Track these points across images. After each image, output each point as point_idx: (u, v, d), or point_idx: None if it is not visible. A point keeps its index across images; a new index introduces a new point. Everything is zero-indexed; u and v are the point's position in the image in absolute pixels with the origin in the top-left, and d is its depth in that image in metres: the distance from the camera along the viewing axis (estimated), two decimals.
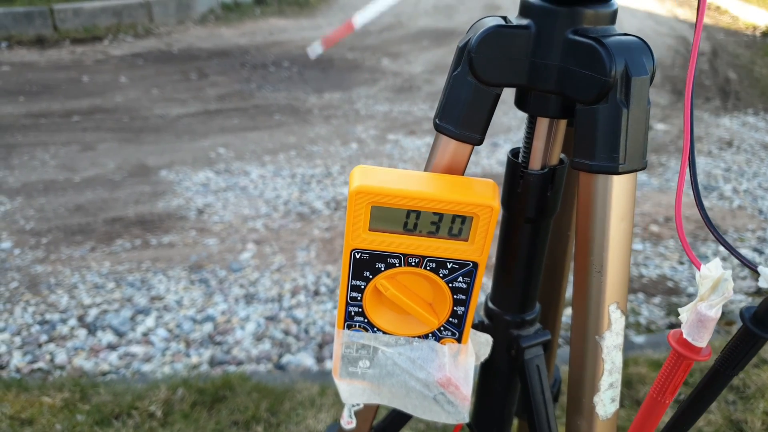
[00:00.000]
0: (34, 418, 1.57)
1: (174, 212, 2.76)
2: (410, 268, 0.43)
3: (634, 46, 0.41)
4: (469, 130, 0.45)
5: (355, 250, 0.43)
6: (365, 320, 0.46)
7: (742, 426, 1.62)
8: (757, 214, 2.98)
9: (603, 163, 0.41)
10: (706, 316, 0.32)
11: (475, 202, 0.41)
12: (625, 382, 1.76)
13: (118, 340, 2.01)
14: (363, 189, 0.40)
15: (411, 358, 0.46)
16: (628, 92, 0.40)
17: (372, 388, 0.48)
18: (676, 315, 2.21)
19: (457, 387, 0.46)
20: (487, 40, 0.42)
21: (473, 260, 0.43)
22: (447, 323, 0.46)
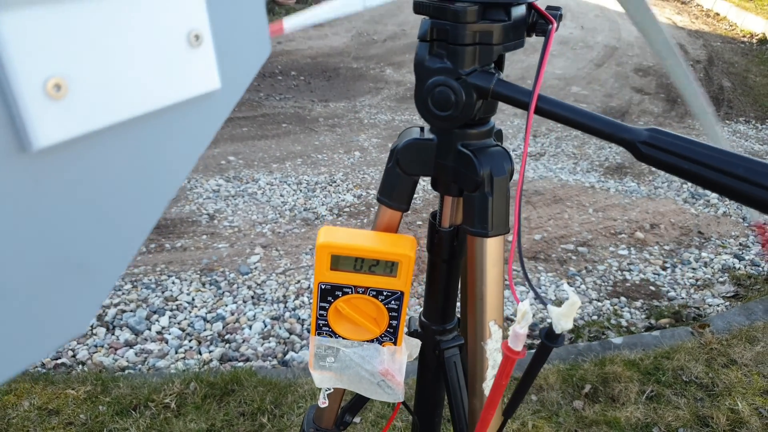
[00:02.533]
0: (60, 408, 1.74)
1: (186, 218, 2.92)
2: (359, 295, 0.63)
3: (498, 155, 0.60)
4: (398, 202, 0.65)
5: (321, 283, 0.63)
6: (330, 329, 0.64)
7: (708, 422, 1.77)
8: (741, 221, 3.12)
9: (478, 230, 0.60)
10: (519, 333, 0.49)
11: (399, 252, 0.60)
12: (602, 380, 1.91)
13: (134, 338, 2.17)
14: (324, 245, 0.60)
15: (361, 356, 0.64)
16: (492, 187, 0.58)
17: (336, 376, 0.67)
18: (656, 318, 2.36)
19: (393, 376, 0.64)
20: (407, 148, 0.62)
21: (400, 290, 0.63)
22: (386, 332, 0.64)
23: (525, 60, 5.49)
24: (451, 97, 0.55)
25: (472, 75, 0.55)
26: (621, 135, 0.49)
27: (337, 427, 0.84)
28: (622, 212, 3.13)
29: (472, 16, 0.53)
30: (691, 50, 6.10)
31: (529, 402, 1.83)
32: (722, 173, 0.44)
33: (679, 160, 0.46)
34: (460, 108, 0.56)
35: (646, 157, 0.48)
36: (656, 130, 0.48)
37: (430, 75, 0.56)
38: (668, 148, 0.47)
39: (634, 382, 1.89)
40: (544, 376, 1.91)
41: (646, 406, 1.82)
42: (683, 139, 0.47)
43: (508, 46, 0.57)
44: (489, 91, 0.55)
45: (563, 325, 0.48)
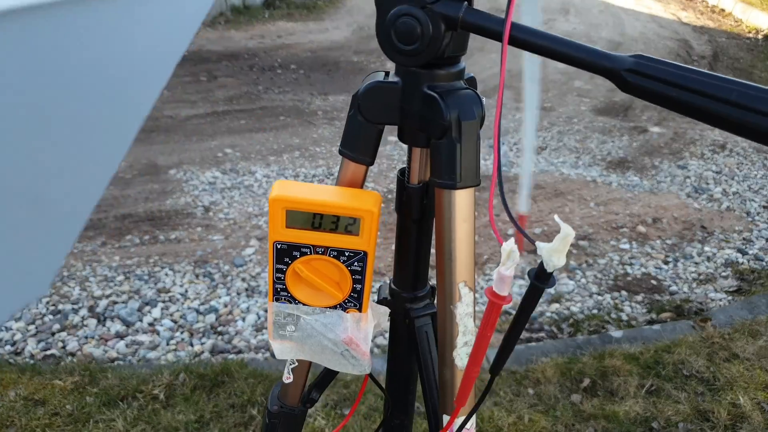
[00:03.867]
0: (46, 399, 1.70)
1: (182, 209, 2.89)
2: (318, 256, 0.57)
3: (467, 98, 0.54)
4: (362, 155, 0.59)
5: (276, 242, 0.57)
6: (288, 294, 0.59)
7: (708, 416, 1.72)
8: (744, 216, 3.07)
9: (446, 181, 0.55)
10: (505, 275, 0.44)
11: (361, 207, 0.55)
12: (600, 374, 1.87)
13: (125, 329, 2.13)
14: (278, 198, 0.55)
15: (324, 323, 0.60)
16: (460, 132, 0.53)
17: (297, 346, 0.63)
18: (657, 312, 2.31)
19: (357, 345, 0.60)
20: (369, 92, 0.57)
21: (364, 249, 0.57)
22: (350, 297, 0.59)
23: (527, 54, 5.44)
24: (416, 29, 0.50)
25: (438, 3, 0.50)
26: (603, 63, 0.45)
27: (303, 405, 0.79)
28: (624, 206, 3.08)
29: None
30: (696, 46, 6.04)
31: (526, 395, 1.79)
32: (714, 99, 0.40)
33: (668, 87, 0.42)
34: (426, 41, 0.51)
35: (631, 87, 0.44)
36: (642, 56, 0.44)
37: (392, 4, 0.51)
38: (656, 75, 0.43)
39: (634, 376, 1.85)
40: (541, 370, 1.87)
41: (645, 401, 1.77)
42: (672, 64, 0.43)
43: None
44: (458, 20, 0.50)
45: (555, 261, 0.44)
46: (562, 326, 2.22)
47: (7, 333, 2.08)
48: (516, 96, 4.56)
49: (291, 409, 0.79)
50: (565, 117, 4.21)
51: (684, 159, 3.64)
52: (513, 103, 4.41)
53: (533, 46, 0.48)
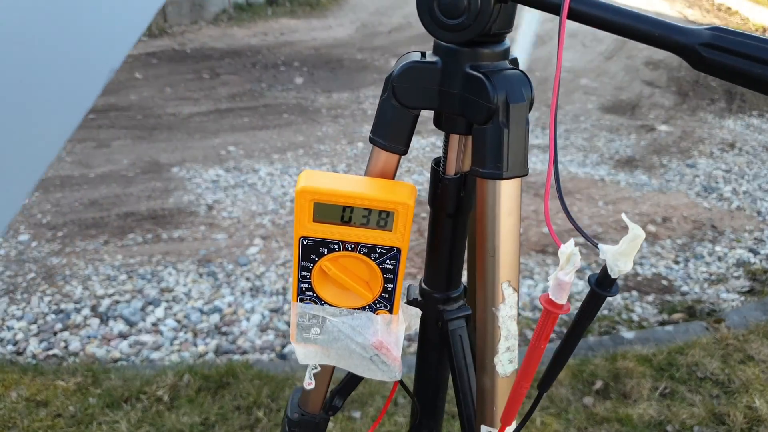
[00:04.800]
0: (48, 400, 1.67)
1: (185, 208, 2.85)
2: (347, 252, 0.53)
3: (515, 79, 0.50)
4: (395, 143, 0.55)
5: (302, 238, 0.53)
6: (314, 294, 0.55)
7: (724, 419, 1.69)
8: (755, 215, 3.02)
9: (491, 170, 0.50)
10: (564, 281, 0.40)
11: (395, 200, 0.51)
12: (613, 375, 1.83)
13: (129, 329, 2.10)
14: (305, 189, 0.50)
15: (352, 326, 0.56)
16: (507, 116, 0.49)
17: (322, 351, 0.58)
18: (669, 313, 2.27)
19: (388, 349, 0.56)
20: (405, 73, 0.52)
21: (397, 246, 0.53)
22: (380, 297, 0.55)
23: (533, 52, 5.41)
24: (463, 0, 0.46)
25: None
26: (675, 38, 0.41)
27: (325, 412, 0.75)
28: (633, 205, 3.04)
29: None
30: None
31: None
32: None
33: (751, 63, 0.38)
34: (473, 14, 0.46)
35: (708, 64, 0.40)
36: (721, 29, 0.39)
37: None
38: (737, 48, 0.38)
39: (647, 378, 1.81)
40: None
41: (659, 403, 1.74)
42: (754, 36, 0.38)
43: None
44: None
45: (621, 266, 0.39)
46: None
47: (8, 332, 2.05)
48: None
49: (312, 417, 0.75)
50: (572, 115, 4.17)
51: (693, 158, 3.60)
52: None
53: (595, 20, 0.43)
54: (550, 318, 0.43)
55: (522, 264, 2.54)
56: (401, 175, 3.26)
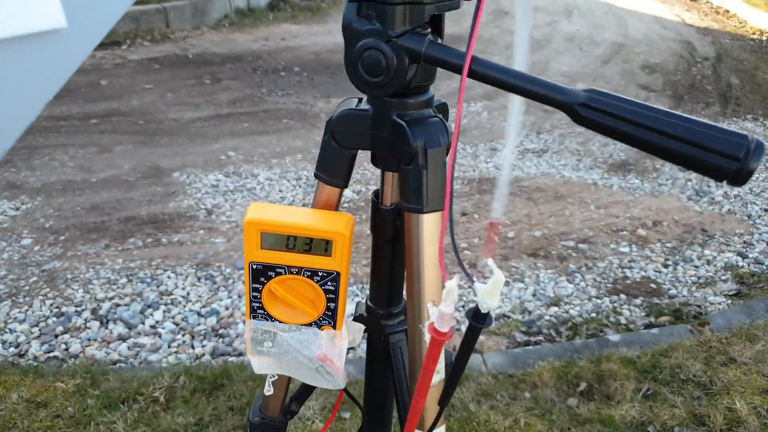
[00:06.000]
0: (48, 401, 1.73)
1: (184, 212, 2.91)
2: (293, 276, 0.60)
3: (434, 126, 0.56)
4: (335, 179, 0.62)
5: (252, 263, 0.59)
6: (265, 312, 0.62)
7: (704, 420, 1.73)
8: (746, 219, 3.07)
9: (413, 205, 0.57)
10: (445, 313, 0.46)
11: (333, 230, 0.57)
12: (597, 377, 1.88)
13: (128, 332, 2.16)
14: (252, 221, 0.57)
15: (299, 340, 0.62)
16: (426, 159, 0.55)
17: (275, 362, 0.65)
18: (656, 316, 2.32)
19: (332, 361, 0.61)
20: (341, 119, 0.60)
21: (337, 270, 0.59)
22: (324, 315, 0.61)
23: (530, 57, 5.45)
24: (381, 62, 0.52)
25: (403, 37, 0.52)
26: (558, 97, 0.47)
27: (283, 416, 0.81)
28: (624, 209, 3.09)
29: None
30: (700, 47, 6.03)
31: (523, 399, 1.80)
32: (662, 134, 0.42)
33: (620, 122, 0.44)
34: (391, 73, 0.53)
35: (584, 120, 0.46)
36: (596, 91, 0.45)
37: (359, 38, 0.53)
38: (608, 110, 0.44)
39: (631, 380, 1.86)
40: (538, 373, 1.88)
41: (641, 405, 1.78)
42: (624, 100, 0.44)
43: (442, 5, 0.54)
44: (421, 54, 0.51)
45: (489, 303, 0.46)
46: (561, 330, 2.23)
47: (11, 335, 2.10)
48: None
49: (272, 421, 0.81)
50: (567, 119, 4.20)
51: None
52: None
53: (492, 80, 0.49)
54: (436, 344, 0.49)
55: (513, 267, 2.59)
56: None
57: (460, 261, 0.47)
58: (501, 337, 2.20)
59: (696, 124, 0.42)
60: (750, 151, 0.41)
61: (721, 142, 0.41)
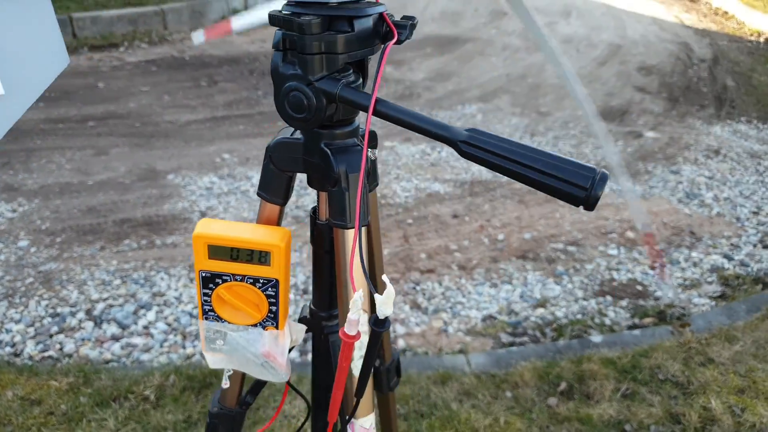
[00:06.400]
0: (42, 399, 1.77)
1: (179, 214, 2.96)
2: (238, 282, 0.66)
3: (354, 153, 0.63)
4: (275, 197, 0.70)
5: (201, 271, 0.66)
6: (215, 314, 0.67)
7: (680, 419, 1.77)
8: (734, 222, 3.10)
9: (339, 222, 0.64)
10: (351, 320, 0.52)
11: (270, 242, 0.64)
12: (578, 377, 1.92)
13: (121, 332, 2.21)
14: (199, 235, 0.64)
15: (246, 339, 0.67)
16: (347, 183, 0.62)
17: (226, 358, 0.70)
18: (640, 317, 2.36)
19: (275, 358, 0.67)
20: (278, 146, 0.68)
21: (275, 277, 0.65)
22: (267, 317, 0.66)
23: (527, 58, 5.49)
24: (303, 101, 0.60)
25: (320, 81, 0.59)
26: (445, 135, 0.54)
27: (240, 407, 0.88)
28: (614, 212, 3.13)
29: (317, 28, 0.58)
30: (697, 49, 6.05)
31: (504, 398, 1.85)
32: (528, 167, 0.48)
33: (493, 156, 0.50)
34: (312, 111, 0.60)
35: (466, 154, 0.52)
36: (475, 131, 0.51)
37: (284, 81, 0.61)
38: (484, 146, 0.51)
39: (610, 380, 1.90)
40: (520, 373, 1.92)
41: (620, 404, 1.82)
42: (498, 138, 0.50)
43: (354, 54, 0.60)
44: (335, 95, 0.59)
45: (383, 311, 0.52)
46: (546, 331, 2.27)
47: (7, 335, 2.15)
48: (513, 100, 4.61)
49: (229, 411, 0.87)
50: (562, 121, 4.25)
51: (677, 164, 3.68)
52: (510, 108, 4.47)
53: (392, 119, 0.57)
54: (346, 346, 0.55)
55: (502, 269, 2.63)
56: (390, 181, 3.35)
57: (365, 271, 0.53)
58: (487, 338, 2.24)
59: (554, 159, 0.49)
60: (595, 181, 0.48)
61: (573, 174, 0.48)
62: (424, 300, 2.44)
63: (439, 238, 2.86)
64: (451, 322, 2.32)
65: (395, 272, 2.60)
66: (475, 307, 2.40)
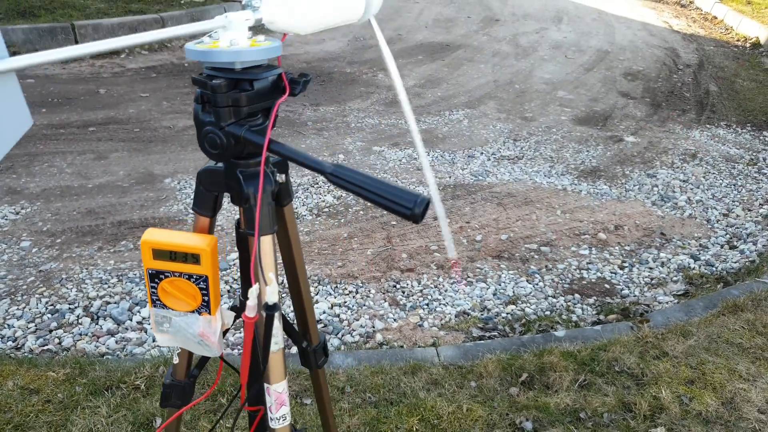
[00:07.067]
0: (40, 388, 1.92)
1: (174, 216, 3.11)
2: (177, 278, 0.81)
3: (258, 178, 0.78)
4: (205, 211, 0.87)
5: (149, 269, 0.81)
6: (161, 303, 0.82)
7: (631, 407, 1.91)
8: (705, 223, 3.24)
9: (250, 231, 0.81)
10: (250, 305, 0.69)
11: (200, 247, 0.79)
12: (539, 369, 2.06)
13: (116, 327, 2.35)
14: (145, 241, 0.81)
15: (186, 322, 0.83)
16: (255, 201, 0.79)
17: (172, 337, 0.86)
18: (606, 314, 2.50)
19: (208, 337, 0.82)
20: (204, 172, 0.85)
21: (205, 274, 0.81)
22: (202, 305, 0.82)
23: (515, 65, 5.63)
24: (217, 141, 0.77)
25: (229, 126, 0.76)
26: (317, 167, 0.71)
27: (188, 379, 1.03)
28: (589, 214, 3.27)
29: (224, 89, 0.74)
30: (683, 54, 6.19)
31: (469, 388, 1.99)
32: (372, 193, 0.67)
33: (349, 185, 0.69)
34: (224, 148, 0.77)
35: (332, 182, 0.70)
36: (339, 166, 0.70)
37: (203, 126, 0.78)
38: (343, 177, 0.69)
39: (569, 372, 2.04)
40: (485, 365, 2.06)
41: (576, 393, 1.96)
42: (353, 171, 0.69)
43: (255, 106, 0.77)
44: (240, 138, 0.76)
45: (271, 299, 0.67)
46: (515, 326, 2.41)
47: (9, 330, 2.30)
48: (499, 106, 4.75)
49: (179, 382, 1.03)
50: (545, 126, 4.39)
51: (654, 168, 3.82)
52: (495, 114, 4.61)
53: (281, 154, 0.74)
54: (246, 326, 0.73)
55: (478, 268, 2.78)
56: None
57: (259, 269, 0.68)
58: (459, 333, 2.38)
59: (390, 188, 0.66)
60: (416, 204, 0.65)
61: (403, 199, 0.66)
62: (403, 297, 2.58)
63: (420, 239, 3.00)
64: (426, 318, 2.47)
65: (377, 271, 2.74)
66: (450, 304, 2.54)
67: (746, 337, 2.19)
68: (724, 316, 2.30)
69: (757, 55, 6.19)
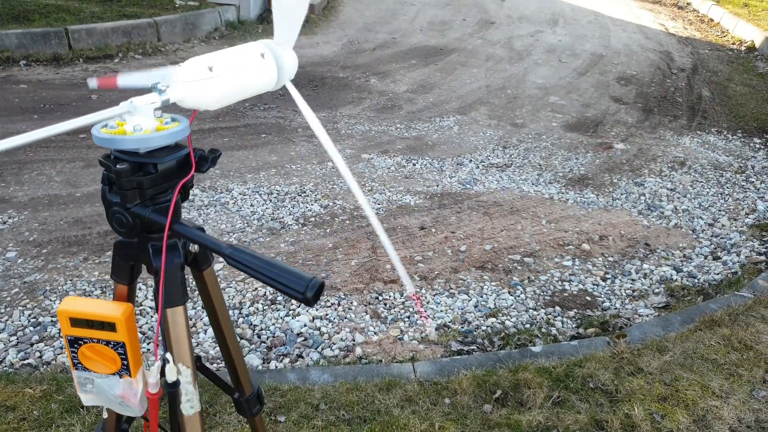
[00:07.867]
0: (17, 405, 1.94)
1: None
2: (96, 344, 0.83)
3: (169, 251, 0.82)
4: (122, 280, 0.90)
5: (67, 335, 0.84)
6: (83, 366, 0.83)
7: (603, 425, 1.92)
8: (690, 233, 3.25)
9: None
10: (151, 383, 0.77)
11: (113, 316, 0.81)
12: (513, 386, 2.07)
13: None
14: (62, 311, 0.83)
15: (108, 384, 0.85)
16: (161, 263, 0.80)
17: (96, 397, 0.89)
18: (585, 327, 2.51)
19: (129, 399, 0.84)
20: (119, 245, 0.88)
21: (122, 341, 0.83)
22: (122, 368, 0.84)
23: (508, 69, 5.63)
24: (123, 220, 0.80)
25: (134, 207, 0.80)
26: (215, 248, 0.74)
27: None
28: (575, 224, 3.27)
29: (128, 173, 0.78)
30: (678, 58, 6.18)
31: (442, 405, 2.00)
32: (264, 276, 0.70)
33: (242, 266, 0.72)
34: (130, 227, 0.81)
35: (229, 262, 0.72)
36: (237, 249, 0.73)
37: (111, 206, 0.81)
38: (238, 259, 0.72)
39: (543, 388, 2.05)
40: (459, 381, 2.07)
41: (549, 411, 1.98)
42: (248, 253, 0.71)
43: (161, 187, 0.80)
44: (144, 217, 0.80)
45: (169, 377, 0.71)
46: (494, 339, 2.43)
47: None
48: (491, 112, 4.75)
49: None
50: (535, 133, 4.40)
51: (642, 176, 3.82)
52: (486, 120, 4.61)
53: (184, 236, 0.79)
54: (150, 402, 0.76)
55: (461, 279, 2.79)
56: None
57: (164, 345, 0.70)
58: (438, 346, 2.39)
59: (284, 271, 0.69)
60: (308, 288, 0.68)
61: (295, 282, 0.69)
62: (385, 310, 2.60)
63: (405, 249, 3.01)
64: (407, 331, 2.48)
65: (360, 282, 2.75)
66: (431, 317, 2.56)
67: (721, 352, 2.20)
68: (701, 331, 2.31)
69: (752, 59, 6.18)
